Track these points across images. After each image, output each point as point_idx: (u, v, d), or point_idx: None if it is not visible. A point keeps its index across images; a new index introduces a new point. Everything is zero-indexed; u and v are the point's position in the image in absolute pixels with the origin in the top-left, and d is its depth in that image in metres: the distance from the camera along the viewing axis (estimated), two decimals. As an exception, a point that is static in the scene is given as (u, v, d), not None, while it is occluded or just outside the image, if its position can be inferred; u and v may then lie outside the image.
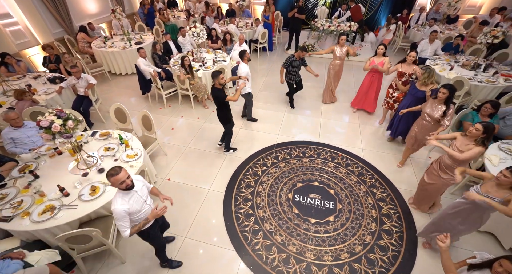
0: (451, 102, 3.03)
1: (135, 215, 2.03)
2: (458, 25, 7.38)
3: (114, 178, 1.86)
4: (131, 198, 1.99)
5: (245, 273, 2.69)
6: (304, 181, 3.69)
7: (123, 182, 1.88)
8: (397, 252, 2.85)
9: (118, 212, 1.90)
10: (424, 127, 3.31)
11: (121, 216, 1.91)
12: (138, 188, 2.08)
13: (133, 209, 1.98)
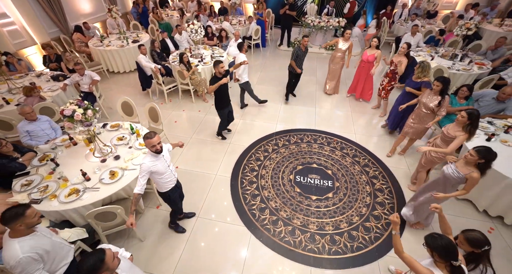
0: (446, 93, 3.27)
1: (160, 176, 2.38)
2: (437, 20, 7.91)
3: (148, 141, 2.16)
4: (158, 160, 2.32)
5: (256, 244, 2.97)
6: (303, 163, 4.00)
7: (154, 146, 2.19)
8: (389, 221, 3.21)
9: (144, 167, 2.23)
10: (420, 116, 3.53)
11: (144, 172, 2.24)
12: (165, 154, 2.42)
13: (158, 169, 2.31)
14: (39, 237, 1.81)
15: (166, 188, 2.55)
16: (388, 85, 4.61)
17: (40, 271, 1.75)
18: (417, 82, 3.77)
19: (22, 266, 1.65)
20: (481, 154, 2.18)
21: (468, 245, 1.74)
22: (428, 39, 6.33)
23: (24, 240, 1.72)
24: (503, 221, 3.05)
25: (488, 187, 2.97)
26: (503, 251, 2.86)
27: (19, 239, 1.71)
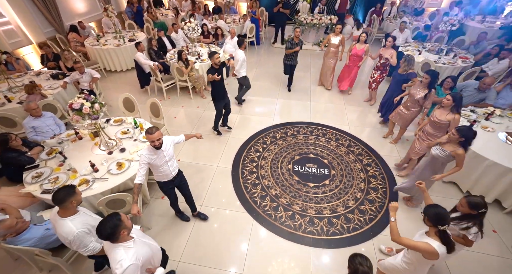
0: (433, 87, 3.50)
1: (157, 169, 2.50)
2: (424, 17, 8.23)
3: (148, 136, 2.26)
4: (156, 154, 2.41)
5: (258, 229, 3.14)
6: (300, 154, 4.19)
7: (153, 142, 2.28)
8: (382, 202, 3.43)
9: (142, 159, 2.35)
10: (407, 107, 3.80)
11: (143, 163, 2.35)
12: (165, 149, 2.46)
13: (154, 163, 2.42)
14: (83, 215, 2.04)
15: (159, 179, 2.65)
16: (380, 77, 4.85)
17: (94, 242, 2.01)
18: (403, 74, 4.02)
19: (80, 239, 1.90)
20: (462, 132, 2.41)
21: (468, 208, 1.98)
22: (416, 35, 6.62)
23: (74, 218, 1.95)
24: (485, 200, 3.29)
25: (471, 169, 3.21)
26: (488, 232, 3.09)
27: (70, 218, 1.93)
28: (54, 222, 1.95)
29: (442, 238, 1.76)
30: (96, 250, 2.03)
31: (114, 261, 1.59)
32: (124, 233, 1.62)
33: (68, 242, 1.90)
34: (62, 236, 1.90)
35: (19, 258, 2.81)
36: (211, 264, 2.78)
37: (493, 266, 2.71)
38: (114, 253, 1.61)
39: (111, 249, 1.64)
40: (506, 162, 2.92)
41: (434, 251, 1.71)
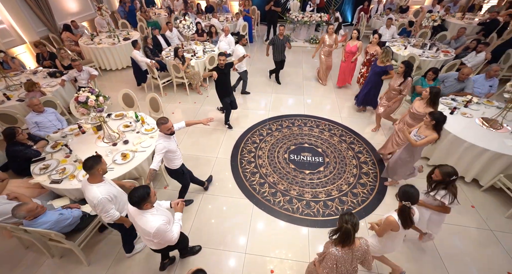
0: (409, 75, 3.80)
1: (172, 154, 2.73)
2: (409, 14, 8.61)
3: (164, 125, 2.49)
4: (170, 140, 2.66)
5: (259, 213, 3.33)
6: (296, 144, 4.41)
7: (170, 129, 2.54)
8: (373, 186, 3.68)
9: (160, 147, 2.53)
10: (389, 97, 4.12)
11: (160, 151, 2.53)
12: (174, 136, 2.74)
13: (171, 148, 2.65)
14: (108, 185, 2.27)
15: (177, 165, 2.89)
16: (366, 72, 5.12)
17: (113, 210, 2.24)
18: (382, 66, 4.34)
19: (103, 204, 2.13)
20: (433, 116, 2.68)
21: (441, 176, 2.23)
22: (401, 31, 6.95)
23: (100, 185, 2.17)
24: (464, 180, 3.59)
25: (451, 152, 3.50)
26: (463, 202, 3.38)
27: (97, 185, 2.16)
28: (84, 187, 2.19)
29: (400, 210, 1.97)
30: (115, 217, 2.25)
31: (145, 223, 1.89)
32: (147, 206, 1.90)
33: (93, 205, 2.15)
34: (89, 200, 2.16)
35: (30, 246, 2.92)
36: (216, 245, 2.96)
37: (472, 237, 2.99)
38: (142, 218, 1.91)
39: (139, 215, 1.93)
40: (481, 143, 3.21)
41: (393, 220, 1.99)
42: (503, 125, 3.48)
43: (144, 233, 1.95)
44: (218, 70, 4.03)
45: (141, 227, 1.92)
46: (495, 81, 4.21)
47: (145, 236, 2.02)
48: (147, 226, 1.87)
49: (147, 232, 1.89)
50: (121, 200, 2.38)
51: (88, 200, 2.16)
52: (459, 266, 2.72)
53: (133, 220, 2.01)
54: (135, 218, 1.95)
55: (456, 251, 2.86)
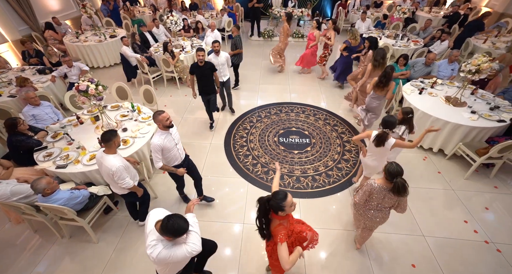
0: (371, 48, 4.55)
1: (167, 152, 2.60)
2: (383, 9, 9.22)
3: (162, 116, 2.41)
4: (166, 138, 2.51)
5: (254, 190, 3.63)
6: (284, 128, 4.75)
7: (168, 119, 2.44)
8: (356, 161, 4.09)
9: (154, 145, 2.46)
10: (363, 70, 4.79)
11: (155, 149, 2.48)
12: (173, 131, 2.62)
13: (165, 146, 2.52)
14: (120, 157, 2.51)
15: (169, 164, 2.74)
16: (323, 54, 5.84)
17: (128, 178, 2.51)
18: (355, 46, 5.22)
19: (120, 171, 2.40)
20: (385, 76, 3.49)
21: (402, 114, 2.98)
22: (377, 24, 7.49)
23: (115, 156, 2.44)
24: (432, 150, 4.08)
25: (420, 126, 3.94)
26: (432, 169, 3.86)
27: (113, 155, 2.42)
28: (100, 159, 2.42)
29: (380, 134, 2.62)
30: (130, 185, 2.51)
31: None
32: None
33: (112, 173, 2.37)
34: (106, 168, 2.37)
35: (38, 229, 3.06)
36: (215, 218, 3.23)
37: (439, 196, 3.46)
38: None
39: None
40: (444, 117, 3.69)
41: (370, 133, 2.71)
42: (461, 101, 3.99)
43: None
44: (197, 68, 3.90)
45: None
46: (456, 65, 4.75)
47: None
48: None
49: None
50: (131, 171, 2.62)
51: (106, 168, 2.37)
52: (426, 217, 3.16)
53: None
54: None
55: (425, 208, 3.31)
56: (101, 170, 2.49)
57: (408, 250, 2.86)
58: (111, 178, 2.44)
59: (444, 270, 2.67)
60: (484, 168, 3.83)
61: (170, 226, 1.58)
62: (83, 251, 2.88)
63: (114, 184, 2.58)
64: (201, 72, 3.95)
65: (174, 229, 1.59)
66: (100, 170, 2.51)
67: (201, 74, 3.98)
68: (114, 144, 2.38)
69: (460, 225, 3.10)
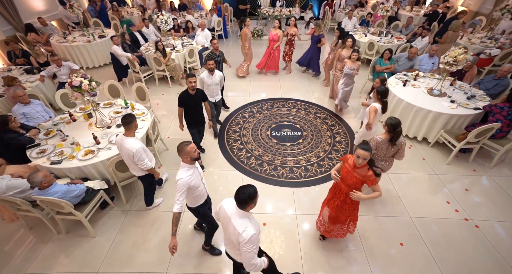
0: (341, 38, 5.14)
1: (195, 190, 2.18)
2: (368, 8, 9.56)
3: (190, 146, 2.00)
4: (193, 173, 2.11)
5: (248, 181, 3.72)
6: (276, 122, 4.87)
7: (195, 150, 2.04)
8: (346, 151, 4.25)
9: (182, 183, 1.99)
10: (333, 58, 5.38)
11: (182, 188, 2.00)
12: (197, 166, 2.23)
13: (193, 183, 2.11)
14: (139, 140, 2.71)
15: (197, 203, 2.33)
16: (289, 51, 6.26)
17: (147, 160, 2.70)
18: (317, 36, 5.69)
19: (140, 153, 2.59)
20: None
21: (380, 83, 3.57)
22: (362, 22, 7.77)
23: (135, 139, 2.63)
24: (417, 139, 4.31)
25: (405, 116, 4.18)
26: (417, 157, 4.08)
27: (133, 138, 2.62)
28: (121, 141, 2.62)
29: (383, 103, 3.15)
30: (148, 166, 2.71)
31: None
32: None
33: (132, 154, 2.57)
34: (127, 150, 2.57)
35: (34, 226, 3.04)
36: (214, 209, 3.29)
37: (424, 181, 3.67)
38: None
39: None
40: (426, 106, 3.92)
41: (375, 108, 3.11)
42: (442, 92, 4.23)
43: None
44: (188, 98, 3.26)
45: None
46: (436, 59, 5.03)
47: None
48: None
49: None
50: (148, 154, 2.81)
51: (127, 150, 2.56)
52: (412, 200, 3.35)
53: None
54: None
55: (411, 191, 3.50)
56: (122, 152, 2.66)
57: (396, 230, 3.02)
58: (131, 159, 2.62)
59: (429, 246, 2.85)
60: (463, 154, 4.08)
61: (247, 192, 1.65)
62: (81, 246, 2.88)
63: (133, 166, 2.77)
64: (192, 102, 3.31)
65: (251, 192, 1.65)
66: (120, 152, 2.68)
67: (192, 104, 3.33)
68: (134, 127, 2.58)
69: (443, 205, 3.30)
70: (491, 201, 3.36)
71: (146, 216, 3.22)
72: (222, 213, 1.83)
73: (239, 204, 1.67)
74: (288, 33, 6.02)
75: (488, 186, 3.60)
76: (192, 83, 3.17)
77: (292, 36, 6.03)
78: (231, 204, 1.79)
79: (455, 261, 2.72)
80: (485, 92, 4.28)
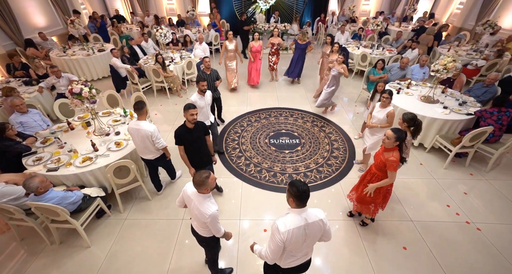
0: (333, 44, 5.20)
1: None
2: (359, 23, 10.05)
3: (211, 178, 1.83)
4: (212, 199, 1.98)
5: (248, 188, 3.69)
6: (274, 131, 4.92)
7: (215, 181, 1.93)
8: (344, 157, 4.28)
9: (216, 213, 1.88)
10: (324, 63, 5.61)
11: (218, 216, 1.93)
12: None
13: None
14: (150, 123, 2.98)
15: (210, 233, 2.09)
16: (277, 59, 6.54)
17: (162, 139, 3.01)
18: (303, 44, 6.01)
19: (157, 132, 2.91)
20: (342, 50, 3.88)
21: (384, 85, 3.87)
22: (353, 36, 8.14)
23: (147, 122, 2.92)
24: (414, 145, 4.37)
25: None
26: (415, 162, 4.12)
27: (145, 121, 2.91)
28: (136, 125, 2.86)
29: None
30: (164, 144, 3.02)
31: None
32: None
33: (150, 134, 2.84)
34: (145, 131, 2.82)
35: (25, 237, 2.92)
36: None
37: (423, 185, 3.68)
38: None
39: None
40: (421, 112, 4.02)
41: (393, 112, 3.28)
42: (434, 99, 4.37)
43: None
44: (187, 133, 2.71)
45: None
46: (426, 69, 5.24)
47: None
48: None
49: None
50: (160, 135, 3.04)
51: (145, 132, 2.82)
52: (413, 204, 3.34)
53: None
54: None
55: (412, 196, 3.50)
56: (138, 136, 2.87)
57: (398, 234, 2.99)
58: (149, 140, 2.88)
59: (432, 250, 2.80)
60: (459, 159, 4.14)
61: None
62: (74, 257, 2.76)
63: (150, 148, 3.00)
64: (192, 138, 2.76)
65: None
66: (136, 135, 2.88)
67: (193, 141, 2.78)
68: (145, 112, 2.90)
69: (444, 209, 3.30)
70: (490, 204, 3.37)
71: (144, 225, 3.13)
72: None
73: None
74: (274, 44, 6.28)
75: (486, 189, 3.62)
76: (194, 115, 2.61)
77: (277, 46, 6.33)
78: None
79: (458, 263, 2.68)
80: (475, 99, 4.44)
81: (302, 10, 10.59)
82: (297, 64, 6.40)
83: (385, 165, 2.42)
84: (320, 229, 1.72)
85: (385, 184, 2.51)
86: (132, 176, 3.14)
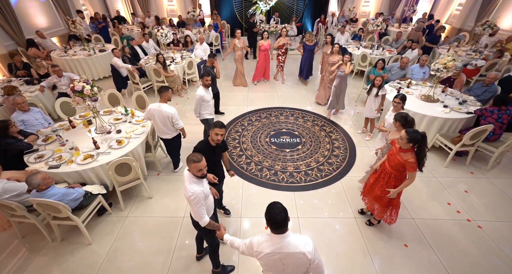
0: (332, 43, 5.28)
1: (205, 201, 2.03)
2: (359, 24, 10.10)
3: (195, 165, 1.85)
4: (203, 185, 2.01)
5: (249, 186, 3.69)
6: (275, 130, 4.93)
7: (201, 170, 1.89)
8: (344, 155, 4.29)
9: (199, 193, 1.88)
10: (326, 64, 5.44)
11: (200, 199, 1.90)
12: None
13: (202, 195, 1.96)
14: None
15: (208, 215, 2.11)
16: (285, 58, 6.53)
17: (180, 120, 3.36)
18: (311, 45, 6.07)
19: (176, 114, 3.29)
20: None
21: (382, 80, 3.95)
22: (353, 36, 8.18)
23: (168, 105, 3.29)
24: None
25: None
26: None
27: (166, 104, 3.28)
28: (158, 107, 3.23)
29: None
30: (182, 125, 3.41)
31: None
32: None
33: (171, 116, 3.22)
34: (166, 112, 3.20)
35: (26, 234, 2.91)
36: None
37: (424, 184, 3.68)
38: None
39: None
40: (421, 111, 4.04)
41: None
42: (434, 98, 4.39)
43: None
44: (209, 149, 2.46)
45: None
46: (426, 69, 5.27)
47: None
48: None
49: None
50: None
51: (166, 113, 3.20)
52: (414, 202, 3.34)
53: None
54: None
55: (413, 194, 3.50)
56: (159, 116, 3.21)
57: (399, 232, 2.99)
58: (169, 121, 3.25)
59: (433, 247, 2.80)
60: (459, 158, 4.15)
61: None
62: (75, 254, 2.76)
63: (169, 127, 3.35)
64: (212, 156, 2.51)
65: None
66: (158, 116, 3.22)
67: (212, 158, 2.49)
68: (165, 96, 3.24)
69: (445, 207, 3.30)
70: (491, 202, 3.38)
71: (145, 223, 3.13)
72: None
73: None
74: (284, 43, 6.29)
75: (487, 187, 3.63)
76: (219, 136, 2.35)
77: (284, 45, 6.34)
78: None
79: (460, 260, 2.68)
80: (475, 98, 4.46)
81: (302, 11, 10.64)
82: (306, 65, 6.49)
83: (403, 166, 2.42)
84: (302, 263, 1.48)
85: (407, 186, 2.50)
86: (134, 174, 3.14)
